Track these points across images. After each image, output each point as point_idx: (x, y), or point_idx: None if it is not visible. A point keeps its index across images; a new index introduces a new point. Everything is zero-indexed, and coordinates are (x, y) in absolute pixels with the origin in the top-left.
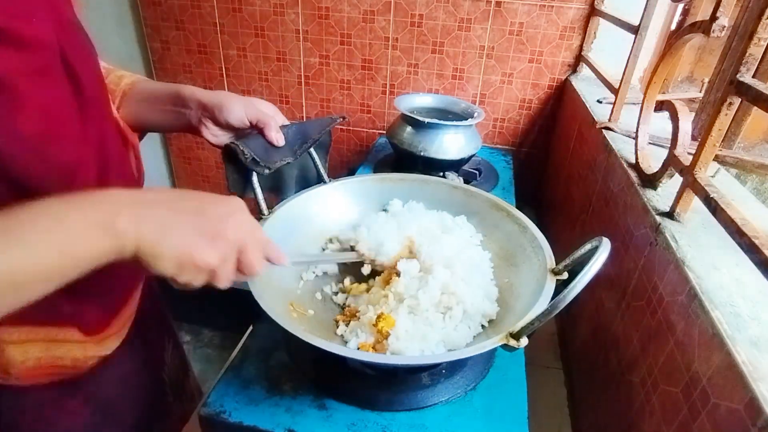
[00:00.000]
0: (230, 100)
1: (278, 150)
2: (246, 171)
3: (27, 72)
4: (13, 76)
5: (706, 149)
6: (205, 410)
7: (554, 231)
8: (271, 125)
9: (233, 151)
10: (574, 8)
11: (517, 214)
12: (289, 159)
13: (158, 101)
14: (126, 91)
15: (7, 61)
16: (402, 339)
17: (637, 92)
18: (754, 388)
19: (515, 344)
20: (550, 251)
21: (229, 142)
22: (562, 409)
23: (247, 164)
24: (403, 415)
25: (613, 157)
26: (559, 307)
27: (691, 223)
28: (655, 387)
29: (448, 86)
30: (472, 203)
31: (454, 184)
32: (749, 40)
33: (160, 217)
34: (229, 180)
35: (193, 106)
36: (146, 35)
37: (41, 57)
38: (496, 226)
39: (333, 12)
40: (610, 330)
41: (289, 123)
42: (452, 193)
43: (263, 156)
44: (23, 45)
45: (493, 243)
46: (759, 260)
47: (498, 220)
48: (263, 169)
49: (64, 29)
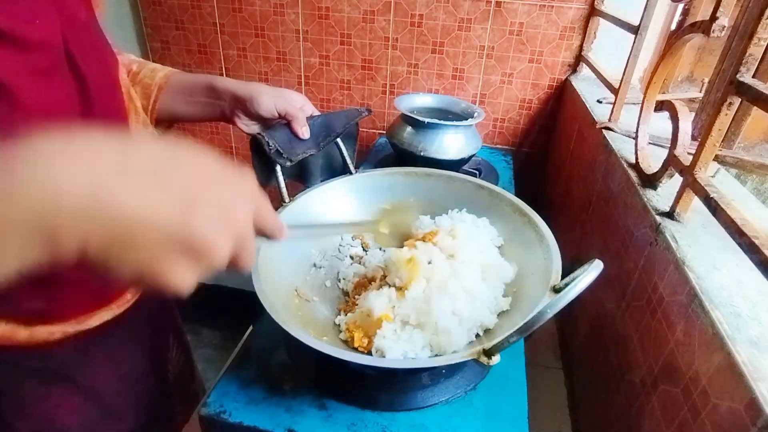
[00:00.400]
0: (260, 92)
1: (303, 142)
2: (270, 161)
3: (28, 72)
4: (13, 76)
5: (706, 149)
6: (205, 410)
7: (554, 231)
8: (299, 118)
9: (259, 142)
10: (574, 8)
11: (537, 222)
12: (312, 151)
13: (193, 93)
14: (161, 85)
15: (8, 61)
16: (388, 339)
17: (637, 92)
18: (754, 388)
19: (486, 361)
20: (559, 266)
21: (255, 133)
22: (562, 409)
23: (271, 155)
24: (403, 415)
25: (613, 157)
26: (534, 326)
27: (691, 223)
28: (655, 387)
29: (448, 86)
30: (497, 205)
31: (481, 184)
32: (749, 40)
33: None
34: (255, 168)
35: (226, 98)
36: (146, 35)
37: (44, 57)
38: (516, 231)
39: (333, 12)
40: (610, 330)
41: (317, 114)
42: (478, 192)
43: (287, 148)
44: (25, 46)
45: (510, 249)
46: (759, 260)
47: (519, 225)
48: (285, 161)
49: (74, 30)
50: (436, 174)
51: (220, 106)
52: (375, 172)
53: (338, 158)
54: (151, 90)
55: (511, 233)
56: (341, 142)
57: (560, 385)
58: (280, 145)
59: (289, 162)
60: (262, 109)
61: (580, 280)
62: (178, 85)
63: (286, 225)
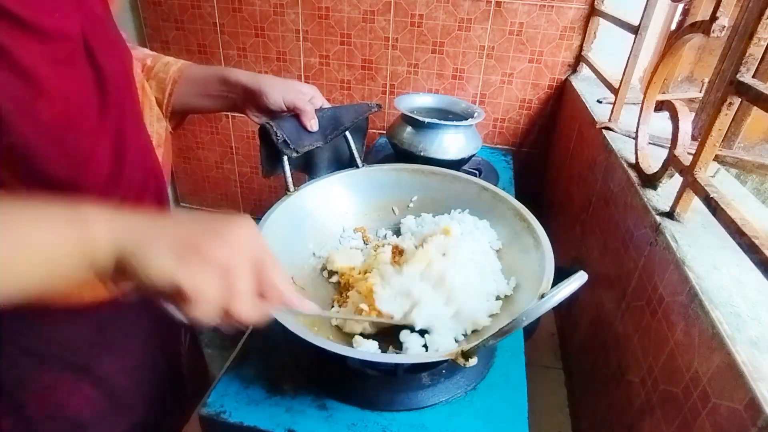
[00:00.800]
0: (269, 86)
1: (310, 134)
2: (277, 150)
3: (50, 61)
4: (35, 64)
5: (706, 149)
6: (205, 410)
7: (554, 231)
8: (307, 111)
9: (267, 131)
10: (574, 8)
11: (536, 228)
12: (320, 143)
13: (206, 86)
14: (176, 79)
15: (31, 50)
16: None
17: (637, 92)
18: (754, 388)
19: (463, 362)
20: (550, 275)
21: (264, 123)
22: (562, 409)
23: (278, 145)
24: (403, 415)
25: (613, 157)
26: (509, 332)
27: (691, 223)
28: (655, 387)
29: (448, 86)
30: (498, 208)
31: (485, 185)
32: (749, 40)
33: (143, 225)
34: (261, 157)
35: (238, 90)
36: (146, 35)
37: (64, 48)
38: (515, 235)
39: (333, 12)
40: (610, 330)
41: (327, 107)
42: (481, 194)
43: (294, 139)
44: (46, 36)
45: (508, 253)
46: (759, 260)
47: (519, 230)
48: (292, 152)
49: (92, 23)
50: (441, 173)
51: (231, 99)
52: (382, 167)
53: (345, 152)
54: (166, 84)
55: (510, 237)
56: (350, 136)
57: (560, 385)
58: (288, 136)
59: (296, 153)
60: (270, 103)
61: (559, 290)
62: (192, 77)
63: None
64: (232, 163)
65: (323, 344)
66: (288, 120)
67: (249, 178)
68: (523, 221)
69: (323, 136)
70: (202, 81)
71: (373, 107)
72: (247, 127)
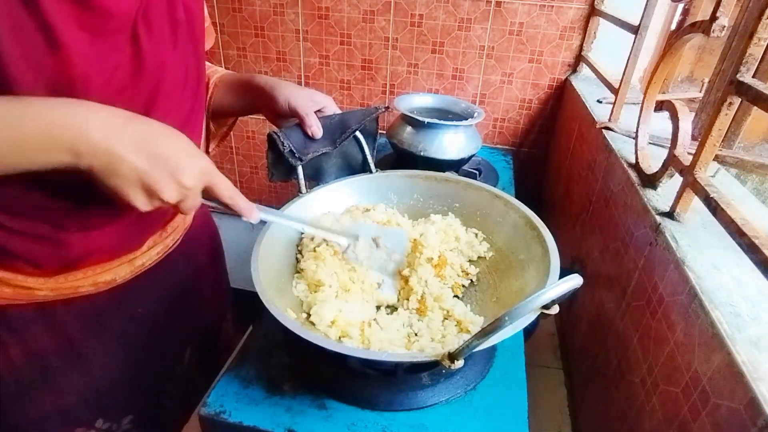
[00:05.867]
0: (280, 91)
1: (317, 141)
2: (284, 159)
3: (85, 30)
4: (69, 29)
5: (706, 149)
6: (205, 410)
7: (554, 231)
8: (307, 118)
9: (273, 141)
10: (574, 8)
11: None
12: (327, 149)
13: (238, 90)
14: (216, 83)
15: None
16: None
17: (637, 92)
18: (754, 388)
19: (448, 364)
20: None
21: (271, 132)
22: (562, 409)
23: (285, 154)
24: (403, 415)
25: (613, 157)
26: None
27: (691, 223)
28: (655, 387)
29: (448, 86)
30: (509, 216)
31: (497, 193)
32: (749, 40)
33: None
34: (269, 164)
35: (256, 94)
36: None
37: (108, 23)
38: (524, 243)
39: (333, 12)
40: (610, 330)
41: (337, 113)
42: (493, 202)
43: (300, 146)
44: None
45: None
46: (759, 260)
47: (528, 239)
48: (297, 161)
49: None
50: (455, 179)
51: (254, 103)
52: (395, 173)
53: (356, 158)
54: (209, 87)
55: (518, 244)
56: (363, 140)
57: (560, 385)
58: (294, 144)
59: (300, 161)
60: (278, 108)
61: (546, 291)
62: (228, 83)
63: (256, 206)
64: (232, 163)
65: (323, 342)
66: (295, 129)
67: (249, 178)
68: (533, 230)
69: (332, 141)
70: (233, 87)
71: (381, 108)
72: (247, 127)
